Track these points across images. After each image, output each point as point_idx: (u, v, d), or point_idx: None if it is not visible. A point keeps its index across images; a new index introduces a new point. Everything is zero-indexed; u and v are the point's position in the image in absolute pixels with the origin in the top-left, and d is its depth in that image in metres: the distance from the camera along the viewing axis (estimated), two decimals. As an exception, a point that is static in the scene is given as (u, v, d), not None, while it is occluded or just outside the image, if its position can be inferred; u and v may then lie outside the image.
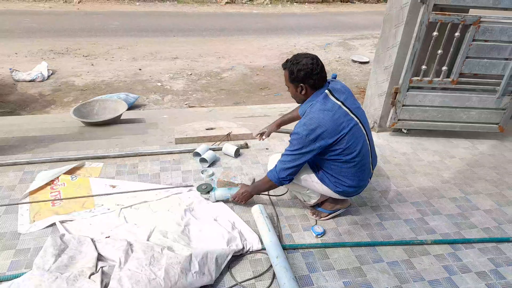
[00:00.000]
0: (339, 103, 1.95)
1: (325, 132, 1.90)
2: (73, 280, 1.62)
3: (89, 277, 1.63)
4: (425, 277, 1.97)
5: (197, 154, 2.89)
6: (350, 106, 1.98)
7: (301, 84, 1.95)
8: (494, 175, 2.94)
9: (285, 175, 2.05)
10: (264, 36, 9.10)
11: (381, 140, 3.37)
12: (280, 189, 2.50)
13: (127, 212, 2.27)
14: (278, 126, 2.58)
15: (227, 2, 12.21)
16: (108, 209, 2.28)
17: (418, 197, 2.62)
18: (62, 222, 2.14)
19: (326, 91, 1.96)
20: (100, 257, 1.79)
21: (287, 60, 1.98)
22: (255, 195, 2.41)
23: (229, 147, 2.98)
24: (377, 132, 3.47)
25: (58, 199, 2.35)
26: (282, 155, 2.06)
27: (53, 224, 2.14)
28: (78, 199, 2.35)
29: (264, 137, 2.56)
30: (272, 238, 2.05)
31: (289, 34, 9.40)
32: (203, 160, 2.84)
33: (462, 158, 3.18)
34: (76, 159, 2.77)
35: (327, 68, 2.04)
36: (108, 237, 1.94)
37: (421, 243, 2.19)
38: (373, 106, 3.46)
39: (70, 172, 2.61)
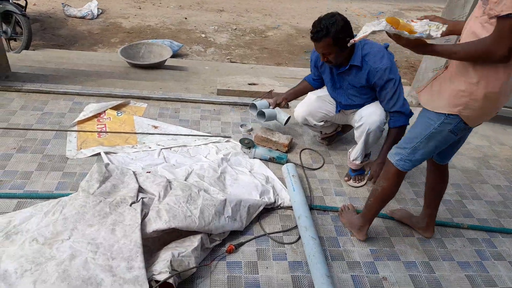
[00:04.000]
0: None
1: None
2: (115, 206, 1.72)
3: (130, 205, 1.72)
4: (455, 257, 1.93)
5: (254, 106, 2.61)
6: None
7: (347, 38, 1.87)
8: (545, 169, 2.77)
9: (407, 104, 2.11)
10: (315, -3, 8.68)
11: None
12: (317, 163, 2.49)
13: (167, 152, 2.34)
14: (285, 99, 2.54)
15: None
16: (149, 147, 2.36)
17: (459, 180, 2.52)
18: (106, 153, 2.25)
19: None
20: (140, 189, 1.87)
21: (317, 31, 1.88)
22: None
23: (281, 114, 2.62)
24: (425, 108, 3.31)
25: (103, 132, 2.45)
26: (395, 98, 2.05)
27: (98, 154, 2.26)
28: (122, 134, 2.45)
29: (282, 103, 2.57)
30: (296, 198, 2.05)
31: (341, -3, 8.92)
32: (260, 114, 2.58)
33: (513, 147, 3.00)
34: (122, 96, 2.85)
35: (377, 38, 1.96)
36: (149, 172, 2.02)
37: (457, 226, 2.13)
38: (425, 80, 3.27)
39: (116, 107, 2.70)
